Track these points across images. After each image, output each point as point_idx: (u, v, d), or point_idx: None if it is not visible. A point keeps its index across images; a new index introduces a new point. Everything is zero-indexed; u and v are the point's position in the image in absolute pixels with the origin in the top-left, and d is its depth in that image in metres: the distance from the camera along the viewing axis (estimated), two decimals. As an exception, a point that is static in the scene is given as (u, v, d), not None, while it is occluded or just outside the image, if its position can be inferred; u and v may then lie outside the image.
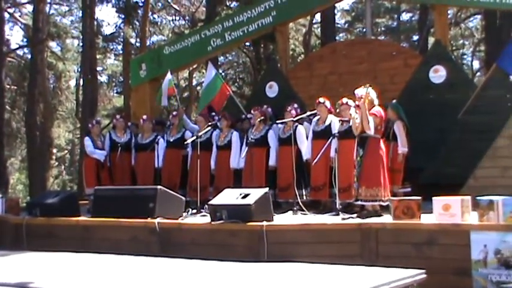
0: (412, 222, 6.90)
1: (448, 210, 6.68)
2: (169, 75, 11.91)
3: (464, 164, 9.39)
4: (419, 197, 7.12)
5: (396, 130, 9.19)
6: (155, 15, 26.82)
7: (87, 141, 10.66)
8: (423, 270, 5.85)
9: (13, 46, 27.15)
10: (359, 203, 7.92)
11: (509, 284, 6.05)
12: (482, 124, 9.68)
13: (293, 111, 9.54)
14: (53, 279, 5.91)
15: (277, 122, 9.76)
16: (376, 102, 8.18)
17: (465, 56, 31.07)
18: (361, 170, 7.91)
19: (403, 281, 5.53)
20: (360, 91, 7.97)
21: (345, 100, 8.76)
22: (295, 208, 8.72)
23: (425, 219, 6.93)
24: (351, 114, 8.36)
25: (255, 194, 7.75)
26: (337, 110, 8.95)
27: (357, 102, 8.28)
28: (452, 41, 26.62)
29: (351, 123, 8.53)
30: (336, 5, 21.44)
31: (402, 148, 9.13)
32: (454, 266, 6.48)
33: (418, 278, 5.74)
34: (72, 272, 6.56)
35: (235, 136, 10.15)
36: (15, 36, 63.87)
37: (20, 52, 27.28)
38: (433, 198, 6.89)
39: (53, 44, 27.71)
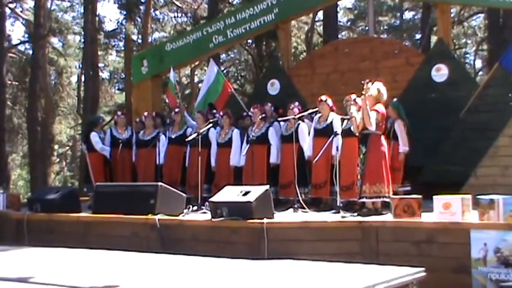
0: (413, 221, 6.90)
1: (448, 208, 6.69)
2: (172, 72, 11.92)
3: (465, 162, 9.41)
4: (419, 195, 7.13)
5: (397, 129, 9.18)
6: (157, 12, 26.78)
7: (95, 137, 10.65)
8: (423, 268, 5.85)
9: (14, 42, 27.22)
10: (363, 200, 7.90)
11: (508, 282, 6.05)
12: (483, 123, 9.69)
13: (295, 109, 9.54)
14: (53, 275, 5.92)
15: (279, 119, 9.77)
16: (385, 97, 8.14)
17: (468, 55, 31.05)
18: (365, 167, 7.90)
19: (402, 279, 5.54)
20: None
21: (353, 96, 8.72)
22: (296, 206, 8.73)
23: (426, 217, 6.94)
24: (351, 112, 8.37)
25: (256, 192, 7.75)
26: (345, 106, 8.91)
27: (357, 99, 8.29)
28: (455, 39, 26.59)
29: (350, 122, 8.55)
30: (339, 3, 21.42)
31: (403, 147, 9.13)
32: (453, 264, 6.49)
33: (417, 276, 5.74)
34: (72, 268, 6.57)
35: (236, 134, 10.16)
36: (16, 31, 63.99)
37: (21, 48, 27.34)
38: (434, 196, 6.90)
39: (54, 40, 27.73)
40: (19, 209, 9.90)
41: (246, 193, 7.79)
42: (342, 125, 8.98)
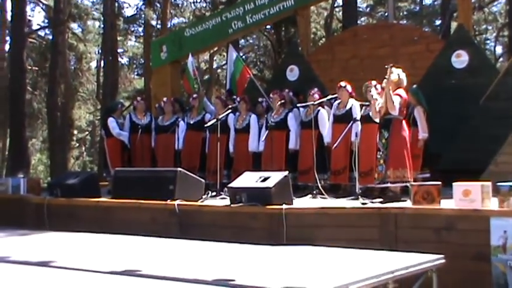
0: (432, 208, 6.87)
1: (468, 195, 6.65)
2: (191, 58, 11.93)
3: (485, 149, 9.33)
4: (439, 182, 7.10)
5: (416, 115, 9.13)
6: (176, -3, 26.77)
7: (113, 122, 10.71)
8: (442, 256, 5.83)
9: (34, 27, 27.34)
10: (387, 185, 7.88)
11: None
12: (504, 110, 9.61)
13: (316, 95, 9.51)
14: (73, 259, 5.98)
15: (299, 105, 9.75)
16: (404, 83, 8.10)
17: (488, 41, 30.77)
18: (388, 152, 7.86)
19: (421, 266, 5.53)
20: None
21: (373, 83, 8.68)
22: (314, 192, 8.73)
23: (445, 204, 6.91)
24: (372, 96, 8.33)
25: (275, 178, 7.75)
26: (364, 92, 8.87)
27: (377, 85, 8.26)
28: (476, 25, 26.35)
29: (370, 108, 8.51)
30: (358, -12, 21.29)
31: (423, 134, 9.08)
32: (473, 252, 6.46)
33: (436, 263, 5.73)
34: (92, 252, 6.62)
35: (253, 119, 10.17)
36: (36, 17, 64.35)
37: (41, 33, 27.45)
38: (453, 183, 6.86)
39: (74, 25, 27.84)
40: (39, 193, 9.99)
41: (265, 179, 7.80)
42: (361, 111, 8.95)
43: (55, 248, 7.02)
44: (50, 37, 24.13)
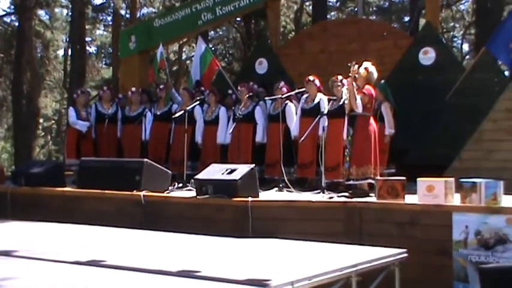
0: (396, 202, 6.96)
1: (431, 191, 6.74)
2: (161, 48, 11.86)
3: (450, 146, 9.46)
4: (403, 178, 7.18)
5: (383, 111, 9.22)
6: (146, -13, 26.55)
7: (71, 111, 10.63)
8: (405, 250, 5.92)
9: (0, 13, 26.87)
10: (351, 182, 7.93)
11: (487, 264, 6.13)
12: (469, 106, 9.75)
13: (284, 89, 9.54)
14: (37, 249, 5.92)
15: (266, 98, 9.77)
16: (374, 77, 8.15)
17: (455, 39, 31.07)
18: (352, 149, 7.93)
19: (384, 260, 5.61)
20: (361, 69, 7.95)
21: (339, 78, 8.74)
22: (281, 185, 8.77)
23: (409, 199, 7.00)
24: (342, 92, 8.39)
25: (241, 170, 7.77)
26: (330, 86, 8.94)
27: (344, 81, 8.32)
28: (443, 23, 26.59)
29: (340, 102, 8.56)
30: (328, -17, 21.34)
31: (389, 130, 9.17)
32: (435, 246, 6.56)
33: (399, 257, 5.82)
34: (56, 242, 6.57)
35: (222, 111, 10.17)
36: (2, 3, 63.12)
37: (7, 19, 26.96)
38: (418, 179, 6.95)
39: (41, 12, 27.40)
40: (3, 182, 9.85)
41: (231, 171, 7.81)
42: (328, 105, 9.00)
43: (18, 238, 6.94)
44: (16, 24, 23.72)
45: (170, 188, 8.71)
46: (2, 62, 26.02)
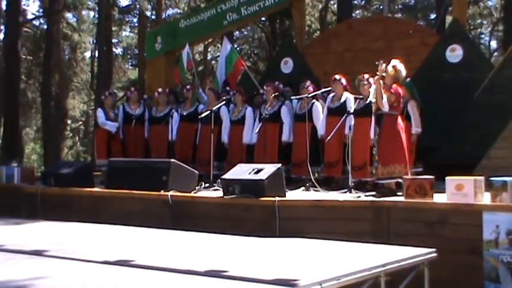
0: (424, 201, 6.90)
1: (461, 190, 6.68)
2: (187, 49, 11.91)
3: (478, 144, 9.36)
4: (432, 176, 7.12)
5: (410, 110, 9.13)
6: (171, -12, 26.69)
7: (100, 112, 10.70)
8: (434, 249, 5.86)
9: (29, 16, 27.20)
10: (379, 181, 7.87)
11: (520, 264, 6.06)
12: (498, 104, 9.62)
13: (310, 88, 9.52)
14: (67, 249, 5.98)
15: (292, 98, 9.77)
16: (403, 75, 8.11)
17: (483, 36, 30.77)
18: (378, 148, 7.88)
19: (413, 260, 5.56)
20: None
21: (366, 76, 8.70)
22: (307, 184, 8.75)
23: (438, 198, 6.94)
24: (369, 91, 8.35)
25: (268, 170, 7.76)
26: (356, 85, 8.90)
27: (370, 79, 8.28)
28: (470, 20, 26.35)
29: (367, 101, 8.52)
30: (354, -19, 21.25)
31: (416, 128, 9.08)
32: (465, 246, 6.48)
33: (428, 257, 5.76)
34: (85, 242, 6.63)
35: (249, 111, 10.18)
36: (31, 6, 63.88)
37: (36, 23, 27.31)
38: (446, 178, 6.88)
39: (69, 15, 27.71)
40: (33, 182, 10.00)
41: (258, 171, 7.81)
42: (355, 104, 8.96)
43: (48, 237, 7.01)
44: (45, 26, 23.98)
45: (197, 188, 8.74)
46: (31, 65, 26.37)
